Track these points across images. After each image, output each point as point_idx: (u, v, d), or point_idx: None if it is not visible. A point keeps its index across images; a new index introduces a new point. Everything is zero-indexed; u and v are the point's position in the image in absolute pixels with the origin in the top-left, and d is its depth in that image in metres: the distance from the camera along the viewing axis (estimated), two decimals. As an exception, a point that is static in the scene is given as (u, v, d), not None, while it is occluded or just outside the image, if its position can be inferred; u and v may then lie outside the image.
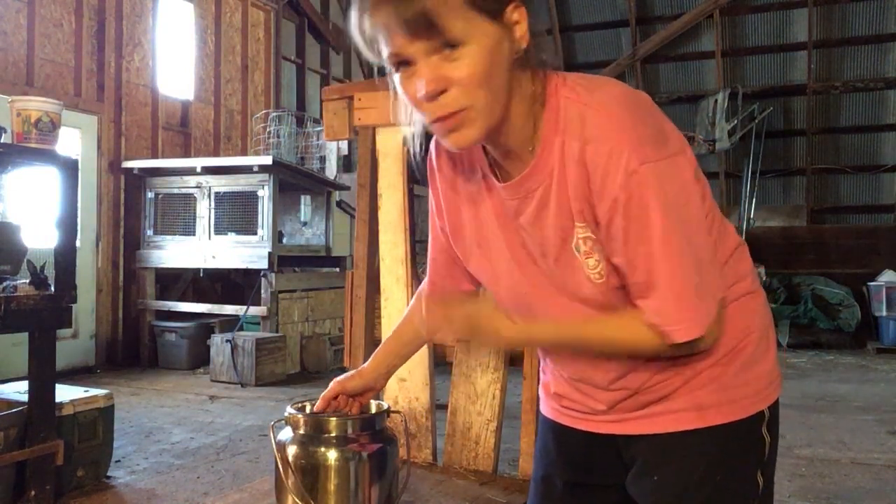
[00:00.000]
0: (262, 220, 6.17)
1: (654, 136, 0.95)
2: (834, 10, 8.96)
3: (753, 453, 1.11)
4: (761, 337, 1.12)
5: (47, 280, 2.83)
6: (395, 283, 2.10)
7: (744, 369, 1.09)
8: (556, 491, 1.25)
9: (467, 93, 0.93)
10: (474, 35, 0.91)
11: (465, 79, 0.92)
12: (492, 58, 0.93)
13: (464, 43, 0.91)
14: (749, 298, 1.11)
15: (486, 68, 0.92)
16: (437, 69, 0.92)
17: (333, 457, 1.30)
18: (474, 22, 0.91)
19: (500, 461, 1.99)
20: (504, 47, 0.94)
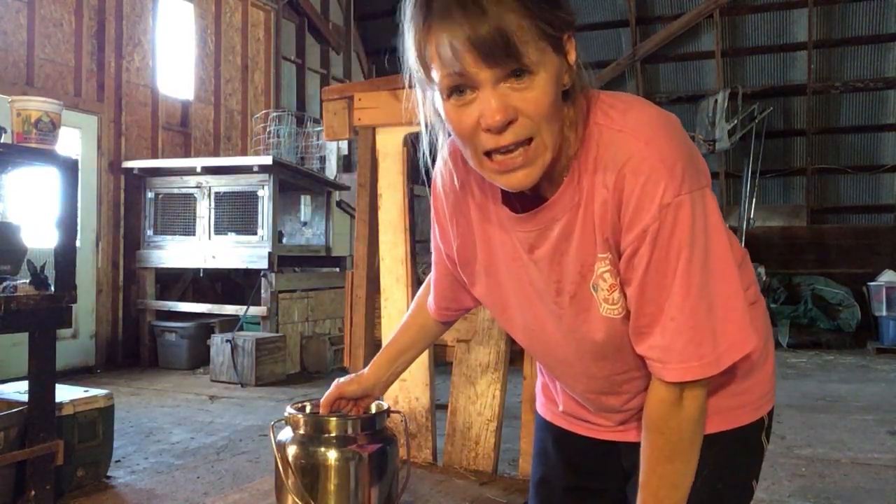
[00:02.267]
0: (262, 220, 6.17)
1: (689, 165, 0.91)
2: (834, 10, 8.96)
3: (752, 461, 1.12)
4: (763, 346, 1.12)
5: (47, 280, 2.83)
6: (395, 283, 2.10)
7: (746, 378, 1.09)
8: (554, 494, 1.25)
9: (535, 125, 0.88)
10: (544, 64, 0.87)
11: (534, 110, 0.87)
12: (556, 89, 0.89)
13: (534, 72, 0.86)
14: (751, 309, 1.09)
15: (552, 100, 0.88)
16: (505, 97, 0.86)
17: (333, 457, 1.30)
18: (544, 51, 0.87)
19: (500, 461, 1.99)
20: (562, 79, 0.91)
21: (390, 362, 1.40)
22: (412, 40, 0.89)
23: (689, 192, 0.89)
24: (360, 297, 2.21)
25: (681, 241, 0.89)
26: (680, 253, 0.90)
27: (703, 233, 0.90)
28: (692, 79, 9.81)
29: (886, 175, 9.14)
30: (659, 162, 0.89)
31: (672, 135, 0.92)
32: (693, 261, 0.90)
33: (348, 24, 10.25)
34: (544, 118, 0.88)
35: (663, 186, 0.88)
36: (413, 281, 2.11)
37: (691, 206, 0.89)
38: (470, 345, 1.98)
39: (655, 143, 0.90)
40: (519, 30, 0.84)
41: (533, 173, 0.90)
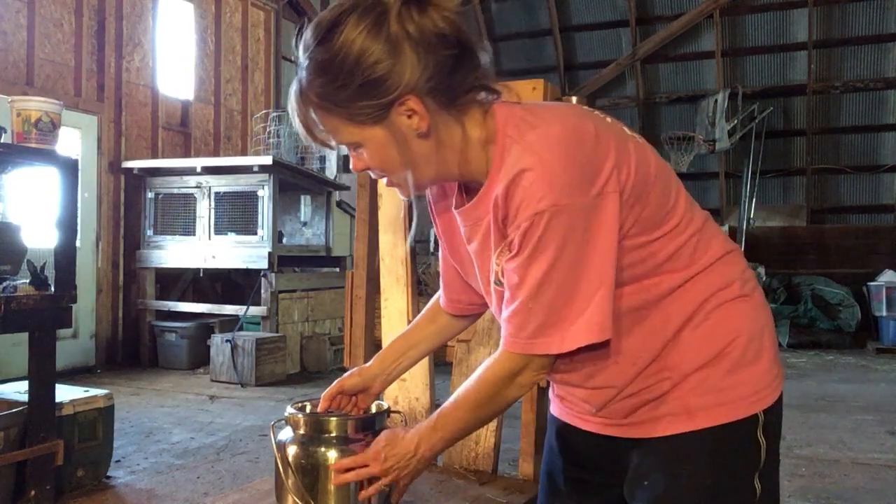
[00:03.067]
0: (262, 220, 6.17)
1: (571, 180, 1.00)
2: (834, 10, 8.96)
3: (747, 457, 1.10)
4: (751, 340, 1.11)
5: (47, 280, 2.83)
6: (395, 283, 2.10)
7: (733, 372, 1.09)
8: (558, 487, 1.28)
9: (383, 171, 1.11)
10: (363, 139, 1.07)
11: (375, 165, 1.10)
12: (387, 150, 1.07)
13: (361, 143, 1.08)
14: (738, 302, 1.11)
15: (384, 158, 1.08)
16: (357, 159, 1.12)
17: (334, 457, 1.30)
18: (359, 131, 1.06)
19: (500, 461, 1.99)
20: (400, 136, 1.06)
21: (396, 354, 1.42)
22: None
23: (566, 204, 0.99)
24: (360, 297, 2.21)
25: (545, 244, 1.00)
26: (541, 253, 1.01)
27: (573, 242, 1.00)
28: (692, 79, 9.81)
29: (886, 175, 9.15)
30: (542, 174, 1.00)
31: (569, 146, 1.01)
32: (552, 262, 1.01)
33: None
34: (385, 168, 1.10)
35: (540, 196, 0.99)
36: (413, 281, 2.11)
37: (562, 217, 0.99)
38: (470, 345, 1.98)
39: (543, 158, 1.00)
40: (330, 125, 1.07)
41: (403, 192, 1.14)
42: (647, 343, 1.10)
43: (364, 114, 1.04)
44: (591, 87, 9.99)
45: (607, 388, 1.13)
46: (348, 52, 1.01)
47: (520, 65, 10.40)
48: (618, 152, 1.04)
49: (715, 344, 1.09)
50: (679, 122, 9.63)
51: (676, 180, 1.13)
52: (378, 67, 1.01)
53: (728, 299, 1.11)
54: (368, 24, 1.01)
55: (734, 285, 1.12)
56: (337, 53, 1.01)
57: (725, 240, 1.16)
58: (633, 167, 1.05)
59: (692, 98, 9.61)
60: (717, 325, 1.09)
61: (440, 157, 1.09)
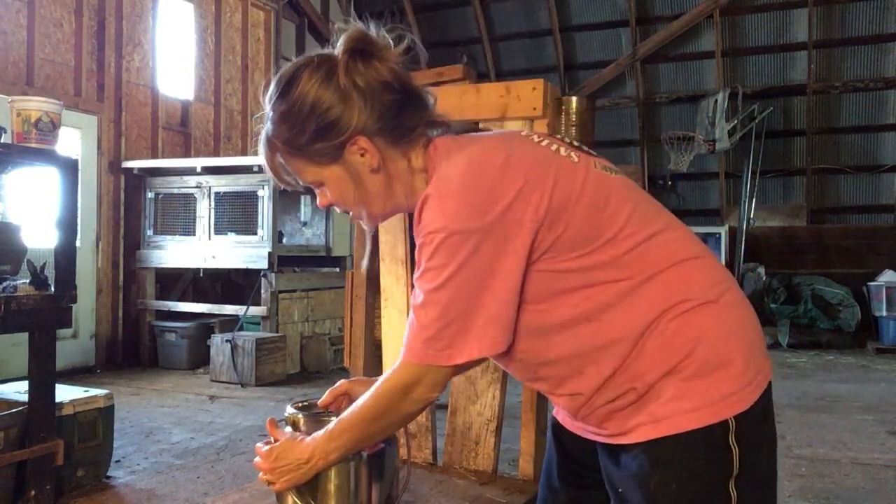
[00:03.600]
0: (262, 220, 6.17)
1: (468, 206, 1.09)
2: (834, 10, 8.95)
3: (718, 464, 1.09)
4: (714, 345, 1.11)
5: (47, 280, 2.83)
6: (395, 283, 2.10)
7: (695, 379, 1.09)
8: (554, 481, 1.34)
9: (344, 205, 1.25)
10: (323, 177, 1.21)
11: (337, 201, 1.24)
12: (346, 185, 1.21)
13: (323, 181, 1.22)
14: (699, 310, 1.11)
15: (344, 193, 1.22)
16: (321, 196, 1.25)
17: (334, 456, 1.30)
18: (319, 170, 1.20)
19: (500, 461, 1.99)
20: (356, 172, 1.20)
21: None
22: None
23: (457, 228, 1.08)
24: (360, 297, 2.21)
25: (435, 262, 1.10)
26: (432, 270, 1.10)
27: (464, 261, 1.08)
28: (692, 79, 9.81)
29: (886, 175, 9.14)
30: (437, 200, 1.11)
31: (461, 179, 1.11)
32: (443, 277, 1.09)
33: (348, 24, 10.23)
34: (346, 202, 1.24)
35: (430, 218, 1.10)
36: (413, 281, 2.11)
37: (452, 239, 1.08)
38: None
39: (442, 187, 1.12)
40: (290, 167, 1.22)
41: (366, 223, 1.28)
42: (606, 352, 1.12)
43: (321, 154, 1.18)
44: (591, 87, 9.98)
45: (576, 395, 1.17)
46: (304, 102, 1.16)
47: (520, 65, 10.40)
48: (527, 181, 1.10)
49: (676, 351, 1.10)
50: (679, 122, 9.63)
51: (622, 194, 1.16)
52: (330, 113, 1.16)
53: (691, 306, 1.11)
54: (320, 77, 1.16)
55: (697, 291, 1.12)
56: (294, 103, 1.17)
57: (687, 247, 1.16)
58: (548, 193, 1.10)
59: (692, 98, 9.61)
60: (678, 333, 1.10)
61: (390, 190, 1.22)
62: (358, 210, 1.24)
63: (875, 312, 7.76)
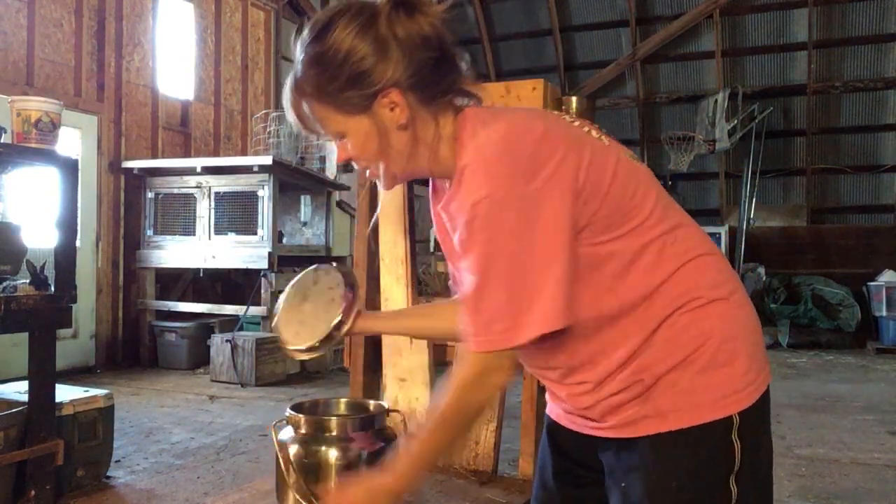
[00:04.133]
0: (262, 220, 6.17)
1: (510, 173, 1.06)
2: (834, 10, 8.96)
3: (721, 460, 1.10)
4: (723, 342, 1.11)
5: (47, 280, 2.83)
6: (395, 282, 2.10)
7: (703, 374, 1.10)
8: (549, 481, 1.31)
9: (365, 161, 1.19)
10: (348, 129, 1.16)
11: (359, 155, 1.18)
12: (371, 140, 1.16)
13: (346, 133, 1.16)
14: (710, 306, 1.12)
15: (367, 148, 1.16)
16: (341, 149, 1.19)
17: (334, 456, 1.30)
18: (345, 121, 1.15)
19: (500, 461, 1.99)
20: (383, 127, 1.15)
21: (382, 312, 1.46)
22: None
23: (503, 194, 1.04)
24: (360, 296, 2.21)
25: (485, 233, 1.05)
26: (479, 246, 1.06)
27: (514, 230, 1.04)
28: (692, 79, 9.81)
29: (886, 175, 9.15)
30: (479, 166, 1.07)
31: (503, 145, 1.08)
32: (494, 253, 1.05)
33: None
34: (368, 157, 1.18)
35: (477, 185, 1.06)
36: (413, 281, 2.11)
37: (500, 206, 1.04)
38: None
39: (484, 152, 1.08)
40: (319, 114, 1.16)
41: (386, 183, 1.22)
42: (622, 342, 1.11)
43: (350, 103, 1.13)
44: (591, 87, 9.99)
45: (583, 384, 1.15)
46: (338, 48, 1.12)
47: (520, 65, 10.40)
48: (567, 151, 1.08)
49: (685, 346, 1.10)
50: (679, 122, 9.63)
51: (647, 183, 1.15)
52: (364, 62, 1.11)
53: (704, 302, 1.12)
54: (358, 25, 1.12)
55: (710, 287, 1.13)
56: (328, 49, 1.13)
57: (703, 242, 1.17)
58: (584, 167, 1.08)
59: (692, 98, 9.61)
60: (688, 328, 1.10)
61: (415, 150, 1.17)
62: (376, 167, 1.19)
63: (875, 312, 7.76)
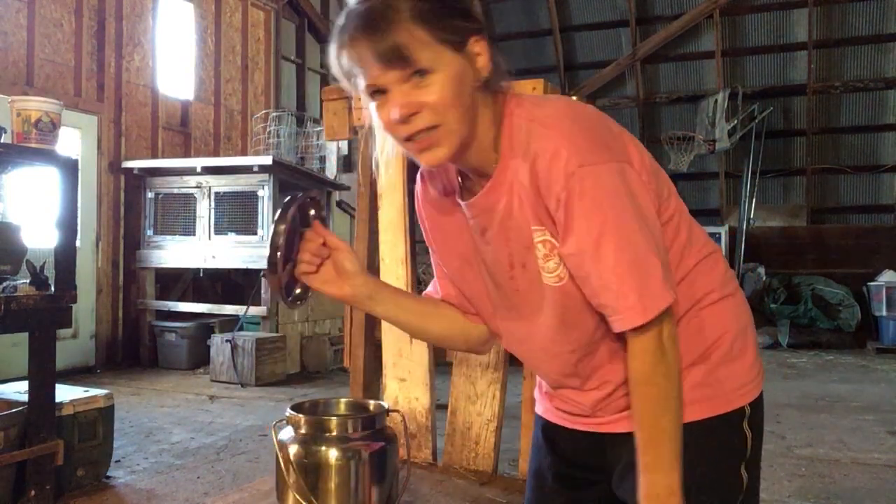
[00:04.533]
0: (262, 220, 6.17)
1: (592, 143, 1.02)
2: (834, 10, 8.96)
3: (735, 448, 1.14)
4: (737, 336, 1.15)
5: (47, 280, 2.83)
6: (394, 283, 2.10)
7: (720, 367, 1.13)
8: (546, 484, 1.30)
9: (437, 114, 1.03)
10: (440, 64, 1.02)
11: (434, 102, 1.02)
12: (457, 84, 1.03)
13: (432, 71, 1.02)
14: (723, 302, 1.15)
15: (452, 92, 1.03)
16: (408, 95, 1.02)
17: (334, 456, 1.30)
18: (441, 53, 1.02)
19: (500, 461, 1.99)
20: (468, 75, 1.04)
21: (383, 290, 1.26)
22: (335, 58, 1.07)
23: (594, 163, 1.00)
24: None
25: (591, 205, 1.00)
26: (592, 216, 1.00)
27: (609, 197, 1.00)
28: (692, 79, 9.81)
29: (886, 175, 9.15)
30: (561, 138, 1.02)
31: (576, 117, 1.05)
32: (608, 223, 1.00)
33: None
34: (446, 107, 1.03)
35: (566, 158, 1.00)
36: (413, 281, 2.11)
37: (595, 175, 1.00)
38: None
39: (558, 125, 1.03)
40: (411, 39, 1.00)
41: (444, 151, 1.05)
42: None
43: (451, 32, 1.03)
44: (591, 87, 9.99)
45: (605, 384, 1.15)
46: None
47: (520, 65, 10.38)
48: (622, 133, 1.08)
49: (704, 341, 1.13)
50: (679, 122, 9.63)
51: (667, 180, 1.16)
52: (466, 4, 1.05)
53: (717, 298, 1.15)
54: None
55: (720, 284, 1.16)
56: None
57: (709, 240, 1.20)
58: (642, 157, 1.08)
59: (692, 98, 9.61)
60: (706, 323, 1.13)
61: (472, 122, 1.07)
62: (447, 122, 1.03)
63: (875, 312, 7.76)
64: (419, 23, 1.01)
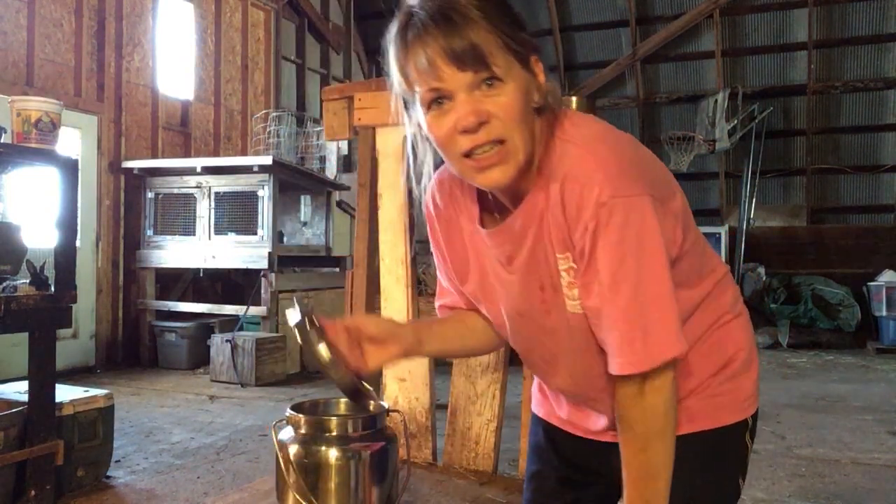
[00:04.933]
0: (262, 220, 6.17)
1: (626, 171, 0.98)
2: (834, 10, 8.96)
3: (736, 459, 1.17)
4: (747, 352, 1.18)
5: (48, 280, 2.83)
6: (395, 283, 2.10)
7: (730, 380, 1.15)
8: (548, 486, 1.30)
9: (506, 127, 0.96)
10: (512, 75, 0.96)
11: (506, 113, 0.95)
12: (525, 99, 0.98)
13: (504, 80, 0.95)
14: (737, 320, 1.18)
15: (521, 107, 0.97)
16: (479, 102, 0.95)
17: (334, 456, 1.30)
18: (512, 63, 0.96)
19: (500, 461, 1.99)
20: (531, 93, 0.99)
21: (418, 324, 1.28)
22: (394, 59, 0.99)
23: (627, 195, 0.95)
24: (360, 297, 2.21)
25: (616, 240, 0.96)
26: (614, 252, 0.96)
27: (636, 236, 0.96)
28: (692, 79, 9.81)
29: (886, 175, 9.14)
30: (595, 166, 0.97)
31: (612, 144, 1.00)
32: (626, 261, 0.96)
33: (348, 24, 10.25)
34: (514, 121, 0.96)
35: (598, 188, 0.95)
36: (413, 281, 2.11)
37: (626, 209, 0.95)
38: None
39: (594, 150, 0.98)
40: (486, 42, 0.94)
41: (508, 171, 0.98)
42: None
43: (520, 44, 0.97)
44: (591, 87, 9.98)
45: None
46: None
47: (520, 65, 10.39)
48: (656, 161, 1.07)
49: (719, 359, 1.14)
50: (679, 122, 9.63)
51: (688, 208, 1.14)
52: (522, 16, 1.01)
53: (731, 318, 1.17)
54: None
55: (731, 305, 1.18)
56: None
57: (721, 261, 1.21)
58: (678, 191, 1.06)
59: (692, 98, 9.61)
60: (724, 340, 1.15)
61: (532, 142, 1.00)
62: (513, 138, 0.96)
63: (875, 312, 7.76)
64: (494, 27, 0.95)
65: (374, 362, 1.13)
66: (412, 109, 1.02)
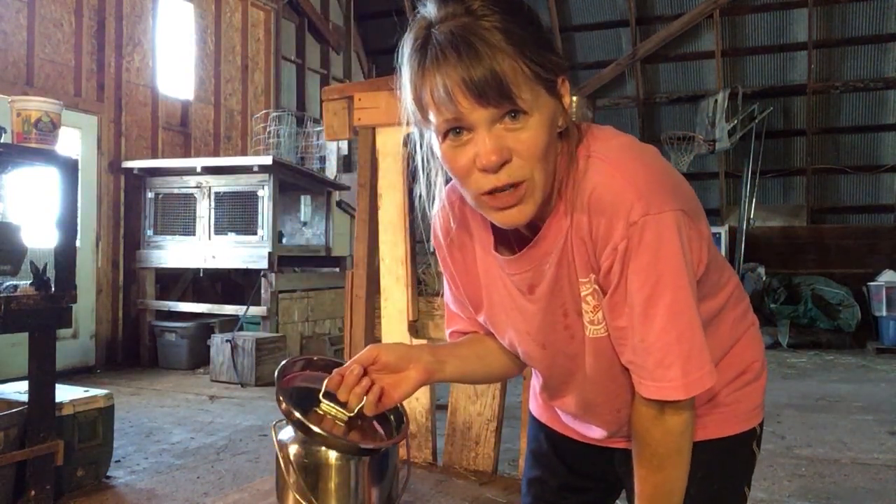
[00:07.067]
0: (262, 220, 6.17)
1: (658, 187, 0.93)
2: (834, 10, 8.95)
3: (745, 467, 1.16)
4: (760, 363, 1.18)
5: (48, 280, 2.83)
6: (395, 283, 2.10)
7: (740, 389, 1.15)
8: (549, 491, 1.29)
9: (528, 165, 0.89)
10: (538, 106, 0.89)
11: (528, 150, 0.88)
12: (549, 132, 0.91)
13: (529, 113, 0.88)
14: (751, 331, 1.17)
15: (544, 142, 0.90)
16: (500, 139, 0.87)
17: (334, 456, 1.30)
18: (538, 93, 0.89)
19: (500, 461, 1.99)
20: (557, 118, 0.92)
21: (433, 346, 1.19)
22: (409, 82, 0.91)
23: (658, 212, 0.91)
24: (360, 297, 2.21)
25: (649, 260, 0.91)
26: (648, 273, 0.91)
27: (671, 254, 0.92)
28: (692, 79, 9.81)
29: (886, 175, 9.14)
30: (623, 182, 0.91)
31: (642, 158, 0.95)
32: (660, 283, 0.92)
33: (348, 24, 10.25)
34: (537, 159, 0.89)
35: (629, 205, 0.90)
36: (413, 281, 2.11)
37: (657, 226, 0.91)
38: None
39: (620, 165, 0.93)
40: (512, 72, 0.85)
41: (526, 210, 0.92)
42: None
43: (548, 69, 0.89)
44: (591, 87, 9.98)
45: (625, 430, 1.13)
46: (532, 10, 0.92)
47: (520, 65, 10.38)
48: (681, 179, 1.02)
49: (736, 369, 1.14)
50: (679, 122, 9.63)
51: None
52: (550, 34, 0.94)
53: (745, 329, 1.16)
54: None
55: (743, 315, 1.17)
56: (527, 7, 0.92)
57: (733, 271, 1.19)
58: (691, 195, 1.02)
59: (692, 98, 9.61)
60: (739, 352, 1.14)
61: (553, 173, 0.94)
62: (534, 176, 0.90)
63: (875, 312, 7.76)
64: (520, 53, 0.86)
65: (399, 394, 1.07)
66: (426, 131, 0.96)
